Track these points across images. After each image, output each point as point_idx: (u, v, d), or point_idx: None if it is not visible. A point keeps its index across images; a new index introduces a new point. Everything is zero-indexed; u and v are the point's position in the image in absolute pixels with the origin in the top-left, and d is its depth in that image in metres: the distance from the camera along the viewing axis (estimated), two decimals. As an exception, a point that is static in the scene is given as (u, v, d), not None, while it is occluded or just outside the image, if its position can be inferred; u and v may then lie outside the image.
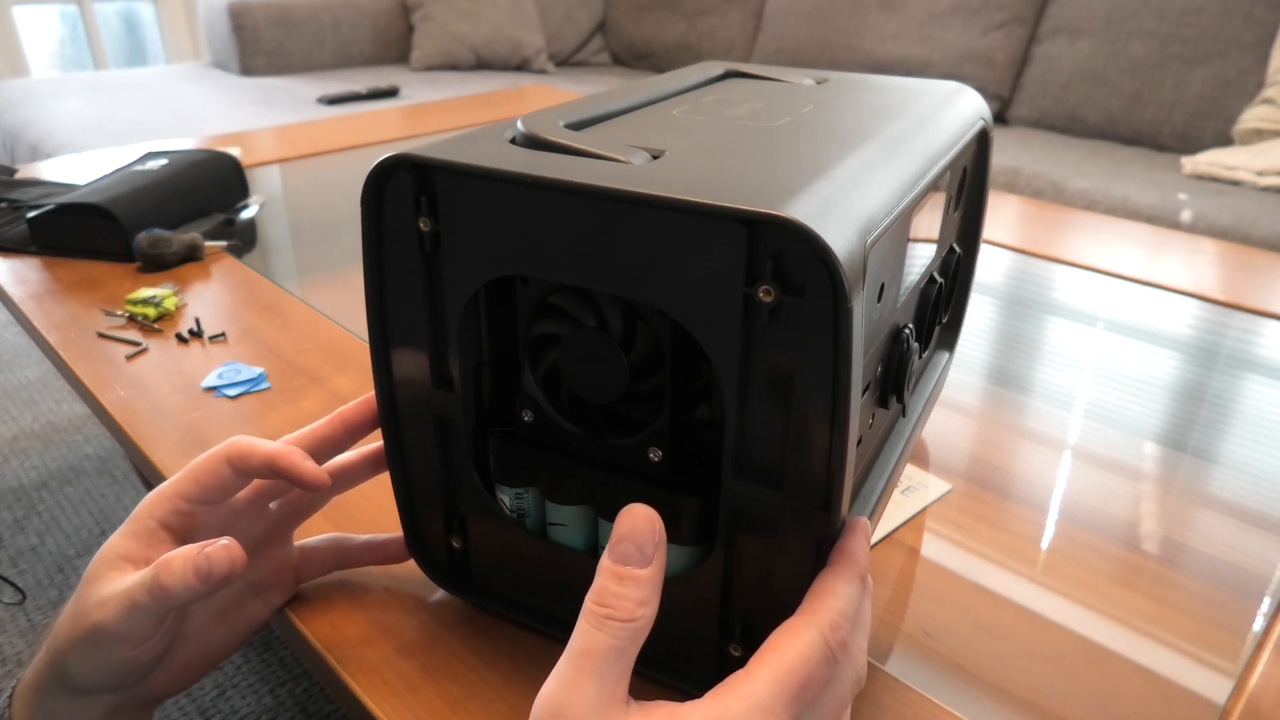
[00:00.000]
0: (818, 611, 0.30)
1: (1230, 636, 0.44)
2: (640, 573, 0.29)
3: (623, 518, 0.30)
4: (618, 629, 0.28)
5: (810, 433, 0.31)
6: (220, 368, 0.66)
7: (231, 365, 0.67)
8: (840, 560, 0.32)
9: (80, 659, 0.37)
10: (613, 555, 0.29)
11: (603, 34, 2.78)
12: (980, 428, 0.64)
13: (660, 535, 0.30)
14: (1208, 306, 0.84)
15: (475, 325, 0.38)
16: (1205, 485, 0.58)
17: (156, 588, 0.34)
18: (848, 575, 0.32)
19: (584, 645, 0.28)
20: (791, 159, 0.34)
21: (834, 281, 0.28)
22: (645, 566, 0.29)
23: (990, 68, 2.01)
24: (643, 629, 0.29)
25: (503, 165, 0.32)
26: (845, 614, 0.30)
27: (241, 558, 0.35)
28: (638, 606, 0.28)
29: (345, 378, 0.65)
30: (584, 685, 0.27)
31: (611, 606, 0.28)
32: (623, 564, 0.29)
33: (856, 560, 0.32)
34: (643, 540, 0.29)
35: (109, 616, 0.35)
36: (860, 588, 0.32)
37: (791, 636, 0.29)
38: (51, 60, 3.18)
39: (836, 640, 0.29)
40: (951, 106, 0.49)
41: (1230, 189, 1.57)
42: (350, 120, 1.48)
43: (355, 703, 0.39)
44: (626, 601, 0.28)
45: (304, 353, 0.69)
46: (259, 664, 0.97)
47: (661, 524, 0.30)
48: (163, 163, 0.97)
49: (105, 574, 0.37)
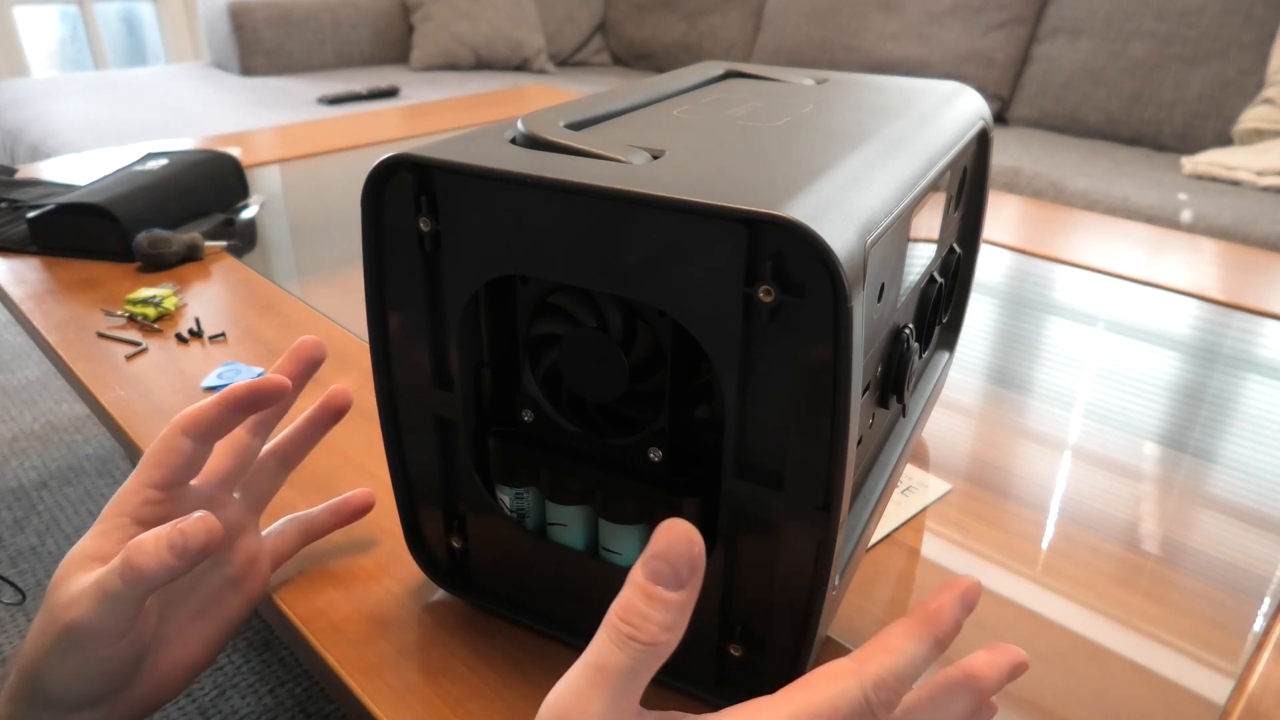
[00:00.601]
0: (868, 663, 0.28)
1: (1230, 636, 0.44)
2: (671, 596, 0.26)
3: (661, 532, 0.27)
4: (638, 651, 0.26)
5: (810, 433, 0.31)
6: (220, 368, 0.66)
7: (231, 365, 0.67)
8: (919, 615, 0.29)
9: (56, 668, 0.35)
10: (646, 570, 0.27)
11: (603, 34, 2.78)
12: (980, 428, 0.64)
13: (699, 558, 0.27)
14: (1208, 306, 0.84)
15: (475, 325, 0.38)
16: (1205, 485, 0.58)
17: (128, 570, 0.33)
18: (920, 634, 0.28)
19: (600, 660, 0.26)
20: (791, 159, 0.34)
21: (834, 281, 0.28)
22: (678, 590, 0.26)
23: (990, 68, 2.01)
24: (664, 653, 0.27)
25: (503, 165, 0.32)
26: (898, 674, 0.28)
27: (218, 529, 0.34)
28: (663, 631, 0.26)
29: (345, 378, 0.65)
30: (594, 699, 0.26)
31: (635, 626, 0.26)
32: (655, 582, 0.26)
33: (937, 622, 0.29)
34: (679, 561, 0.26)
35: (81, 613, 0.34)
36: (929, 651, 0.29)
37: (829, 680, 0.27)
38: (51, 60, 3.18)
39: (880, 699, 0.27)
40: (951, 106, 0.49)
41: (1230, 189, 1.57)
42: (350, 120, 1.48)
43: (355, 703, 0.39)
44: (651, 624, 0.26)
45: (304, 353, 0.69)
46: (259, 664, 0.97)
47: (702, 545, 0.27)
48: (163, 163, 0.97)
49: (73, 574, 0.35)
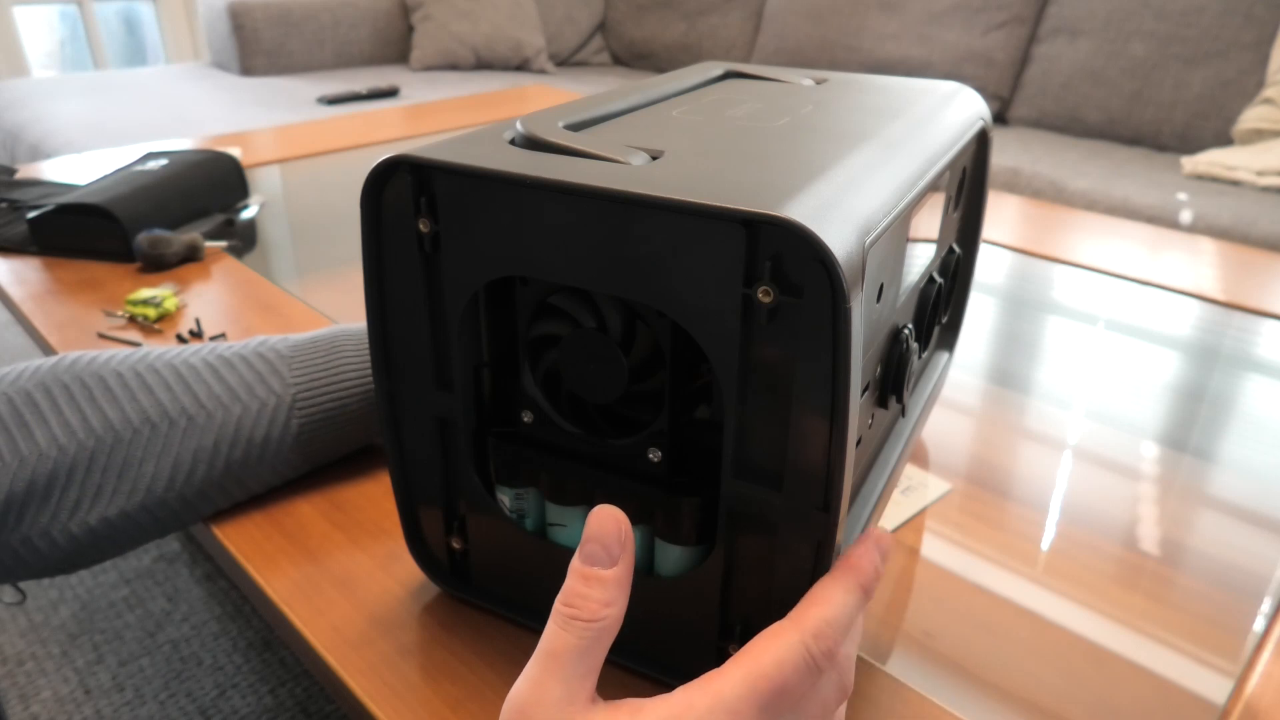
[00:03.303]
0: (804, 618, 0.29)
1: (1230, 636, 0.44)
2: (605, 573, 0.29)
3: (591, 518, 0.30)
4: (582, 629, 0.28)
5: (810, 433, 0.31)
6: (220, 368, 0.66)
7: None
8: (841, 567, 0.32)
9: None
10: (580, 556, 0.30)
11: (603, 34, 2.78)
12: (980, 428, 0.64)
13: (626, 535, 0.30)
14: (1208, 306, 0.84)
15: (475, 326, 0.38)
16: (1205, 485, 0.58)
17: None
18: (846, 583, 0.31)
19: (550, 645, 0.28)
20: (790, 159, 0.34)
21: (833, 282, 0.28)
22: (610, 567, 0.29)
23: (990, 68, 2.01)
24: (608, 629, 0.29)
25: (502, 166, 0.32)
26: (833, 622, 0.29)
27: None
28: (602, 607, 0.28)
29: (345, 378, 0.65)
30: (550, 684, 0.28)
31: (576, 607, 0.29)
32: (590, 564, 0.29)
33: (859, 570, 0.31)
34: (609, 540, 0.29)
35: None
36: (858, 598, 0.31)
37: (771, 640, 0.29)
38: (51, 60, 3.18)
39: (820, 649, 0.29)
40: (951, 107, 0.49)
41: (1230, 189, 1.57)
42: (350, 120, 1.48)
43: (355, 703, 0.39)
44: (591, 602, 0.29)
45: (304, 353, 0.69)
46: (259, 664, 0.97)
47: (628, 524, 0.30)
48: (163, 163, 0.97)
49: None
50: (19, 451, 0.44)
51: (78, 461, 0.44)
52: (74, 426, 0.45)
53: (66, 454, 0.44)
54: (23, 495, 0.43)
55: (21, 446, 0.44)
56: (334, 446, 0.52)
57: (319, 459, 0.52)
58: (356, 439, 0.53)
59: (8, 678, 0.97)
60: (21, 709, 0.93)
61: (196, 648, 0.99)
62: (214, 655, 0.98)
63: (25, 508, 0.44)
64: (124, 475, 0.45)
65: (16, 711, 0.93)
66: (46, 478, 0.44)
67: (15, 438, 0.44)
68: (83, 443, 0.45)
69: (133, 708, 0.92)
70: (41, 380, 0.46)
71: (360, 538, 0.49)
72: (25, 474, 0.43)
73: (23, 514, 0.44)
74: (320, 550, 0.48)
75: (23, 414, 0.44)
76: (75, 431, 0.45)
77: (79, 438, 0.45)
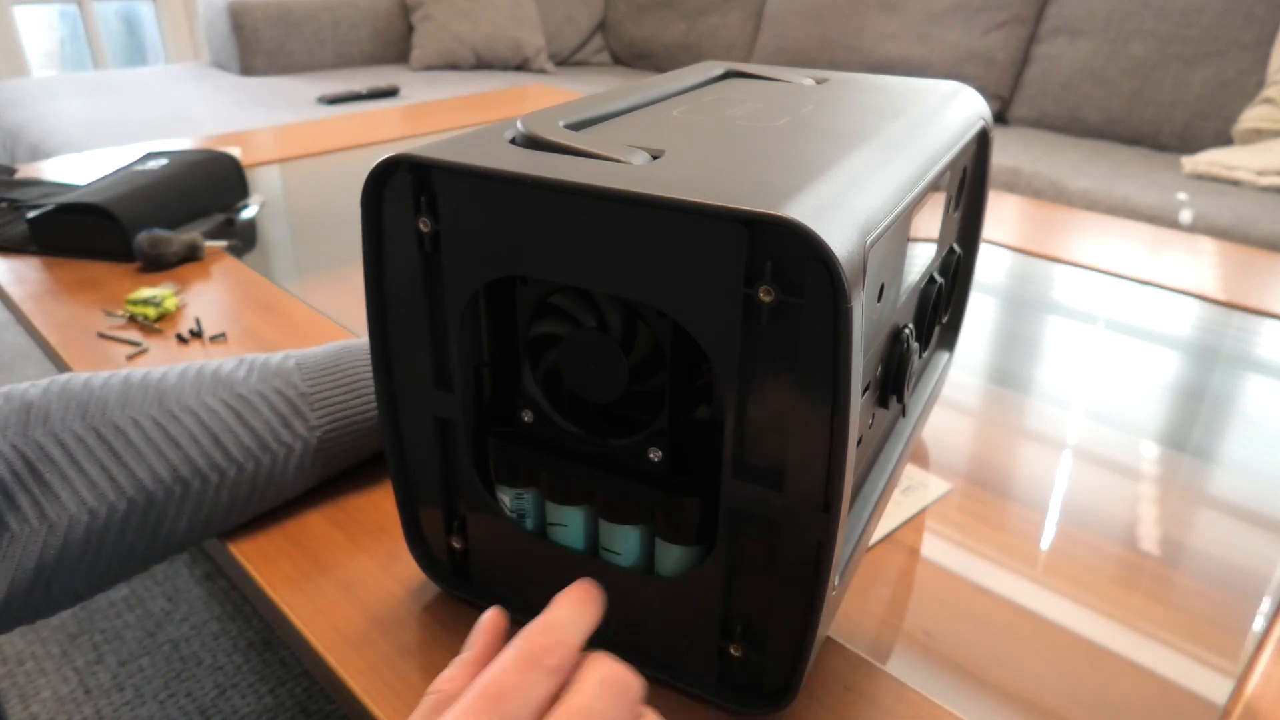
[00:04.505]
0: (522, 632, 0.28)
1: (1230, 636, 0.44)
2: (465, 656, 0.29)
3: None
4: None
5: (810, 433, 0.31)
6: (220, 368, 0.66)
7: (231, 365, 0.66)
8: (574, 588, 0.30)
9: None
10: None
11: (603, 34, 2.78)
12: (980, 428, 0.64)
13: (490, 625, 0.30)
14: (1208, 306, 0.84)
15: (475, 325, 0.38)
16: (1205, 485, 0.58)
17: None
18: (576, 599, 0.29)
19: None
20: (791, 159, 0.34)
21: (834, 282, 0.28)
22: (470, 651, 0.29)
23: (990, 68, 2.01)
24: (438, 702, 0.27)
25: (502, 165, 0.32)
26: (550, 624, 0.28)
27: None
28: (445, 681, 0.28)
29: (345, 378, 0.65)
30: None
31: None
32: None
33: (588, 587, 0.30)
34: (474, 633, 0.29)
35: None
36: (594, 615, 0.29)
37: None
38: (51, 60, 3.18)
39: (542, 644, 0.27)
40: (951, 106, 0.49)
41: (1230, 189, 1.57)
42: (350, 120, 1.48)
43: (355, 703, 0.39)
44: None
45: (304, 353, 0.69)
46: (259, 664, 0.97)
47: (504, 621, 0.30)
48: (163, 163, 0.97)
49: None
50: (46, 516, 0.41)
51: (110, 524, 0.42)
52: (102, 487, 0.42)
53: (97, 517, 0.42)
54: (53, 564, 0.41)
55: (49, 510, 0.41)
56: (349, 462, 0.52)
57: (332, 474, 0.52)
58: (370, 450, 0.53)
59: (8, 678, 0.97)
60: (21, 709, 0.93)
61: (196, 647, 0.99)
62: (214, 655, 0.98)
63: (54, 576, 0.41)
64: (156, 534, 0.44)
65: (16, 711, 0.93)
66: (79, 544, 0.42)
67: (40, 500, 0.41)
68: (114, 505, 0.42)
69: (133, 707, 0.92)
70: (52, 431, 0.43)
71: (361, 538, 0.49)
72: (56, 541, 0.41)
73: (51, 582, 0.42)
74: (320, 550, 0.48)
75: (41, 472, 0.42)
76: (105, 493, 0.42)
77: (109, 499, 0.42)
